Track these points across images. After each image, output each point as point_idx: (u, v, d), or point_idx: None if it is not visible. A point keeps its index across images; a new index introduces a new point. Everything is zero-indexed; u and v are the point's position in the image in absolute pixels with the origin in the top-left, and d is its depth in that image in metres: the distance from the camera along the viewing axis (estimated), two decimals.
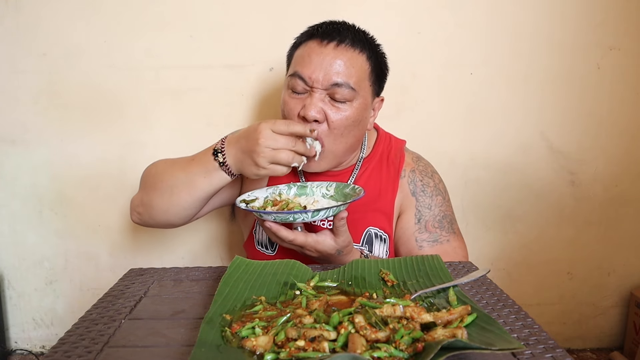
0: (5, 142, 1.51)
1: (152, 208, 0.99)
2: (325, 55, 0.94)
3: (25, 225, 1.57)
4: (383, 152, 1.12)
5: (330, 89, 0.94)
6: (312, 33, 0.99)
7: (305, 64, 0.95)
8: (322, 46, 0.95)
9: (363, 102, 0.99)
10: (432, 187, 1.10)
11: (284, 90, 1.01)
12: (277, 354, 0.52)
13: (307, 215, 0.81)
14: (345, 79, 0.94)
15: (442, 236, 1.06)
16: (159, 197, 0.97)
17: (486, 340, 0.52)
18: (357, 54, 0.96)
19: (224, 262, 1.59)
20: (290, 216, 0.82)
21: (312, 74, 0.94)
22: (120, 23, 1.44)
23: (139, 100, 1.48)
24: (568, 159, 1.56)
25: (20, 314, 1.63)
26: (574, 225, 1.61)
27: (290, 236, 0.85)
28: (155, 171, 1.01)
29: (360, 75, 0.97)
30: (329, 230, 0.88)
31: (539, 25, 1.47)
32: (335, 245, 0.87)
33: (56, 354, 0.56)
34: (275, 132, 0.86)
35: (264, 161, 0.85)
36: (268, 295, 0.70)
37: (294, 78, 0.97)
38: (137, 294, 0.74)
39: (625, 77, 1.51)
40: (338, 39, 0.96)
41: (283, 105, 1.00)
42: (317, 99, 0.94)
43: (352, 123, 0.97)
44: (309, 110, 0.93)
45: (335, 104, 0.96)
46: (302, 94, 0.97)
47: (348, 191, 0.97)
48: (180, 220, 1.01)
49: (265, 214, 0.83)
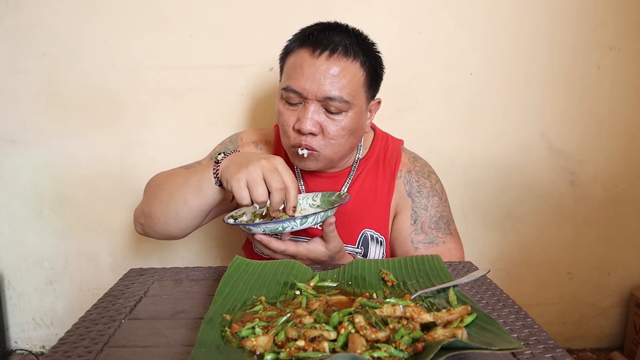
0: (5, 142, 1.51)
1: (151, 218, 0.96)
2: (317, 67, 0.92)
3: (25, 225, 1.57)
4: (379, 152, 1.11)
5: (324, 102, 0.93)
6: (303, 39, 0.96)
7: (298, 76, 0.94)
8: (314, 57, 0.93)
9: (358, 111, 0.97)
10: (428, 187, 1.09)
11: (278, 99, 1.00)
12: (277, 354, 0.52)
13: (296, 222, 0.81)
14: (338, 93, 0.92)
15: (438, 237, 1.05)
16: (158, 207, 0.94)
17: (486, 340, 0.52)
18: (350, 62, 0.94)
19: (224, 262, 1.59)
20: (279, 225, 0.81)
21: (305, 86, 0.93)
22: (120, 23, 1.44)
23: (139, 100, 1.48)
24: (568, 159, 1.56)
25: (20, 314, 1.63)
26: (574, 225, 1.61)
27: (281, 247, 0.84)
28: (157, 182, 1.00)
29: (354, 84, 0.95)
30: (319, 238, 0.88)
31: (539, 25, 1.47)
32: (327, 252, 0.87)
33: (56, 354, 0.56)
34: (279, 173, 0.81)
35: (245, 176, 0.79)
36: (268, 295, 0.70)
37: (287, 92, 0.95)
38: (137, 294, 0.74)
39: (625, 77, 1.51)
40: (330, 47, 0.93)
41: (278, 115, 1.00)
42: (311, 112, 0.94)
43: (348, 132, 0.97)
44: (304, 124, 0.93)
45: (330, 115, 0.95)
46: (296, 105, 0.96)
47: (334, 198, 0.97)
48: (179, 231, 0.97)
49: (253, 226, 0.82)
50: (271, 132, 1.19)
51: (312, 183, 1.09)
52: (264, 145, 1.16)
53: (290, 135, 0.97)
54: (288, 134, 0.98)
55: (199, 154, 1.47)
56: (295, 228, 0.82)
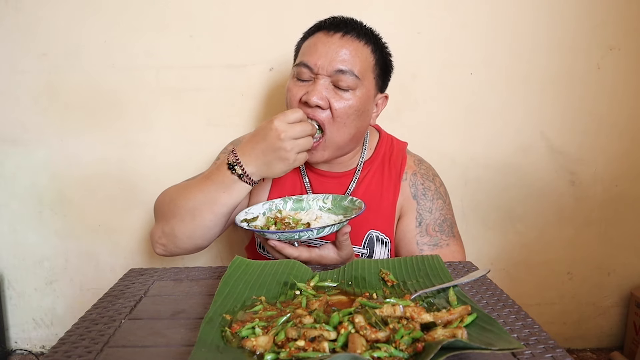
0: (5, 142, 1.51)
1: (175, 237, 0.96)
2: (331, 44, 0.97)
3: (25, 225, 1.57)
4: (385, 154, 1.12)
5: (334, 76, 0.96)
6: (319, 26, 1.02)
7: (312, 52, 0.98)
8: (329, 36, 0.98)
9: (366, 93, 1.00)
10: (433, 190, 1.10)
11: (290, 79, 1.03)
12: (277, 354, 0.52)
13: (313, 232, 0.82)
14: (349, 67, 0.96)
15: (442, 240, 1.06)
16: (180, 223, 0.94)
17: (486, 340, 0.52)
18: (362, 45, 0.99)
19: (224, 262, 1.59)
20: (296, 234, 0.82)
21: (318, 61, 0.96)
22: (120, 23, 1.44)
23: (139, 100, 1.48)
24: (568, 159, 1.56)
25: (20, 314, 1.63)
26: (573, 225, 1.61)
27: (295, 253, 0.85)
28: (170, 199, 0.99)
29: (364, 65, 0.98)
30: (331, 245, 0.88)
31: (539, 25, 1.47)
32: (339, 259, 0.88)
33: (56, 354, 0.56)
34: (289, 123, 0.87)
35: (292, 153, 0.86)
36: (268, 295, 0.70)
37: (299, 67, 0.98)
38: (137, 294, 0.74)
39: (625, 77, 1.51)
40: (344, 30, 0.98)
41: (287, 92, 1.01)
42: (321, 86, 0.96)
43: (355, 112, 0.98)
44: (312, 96, 0.95)
45: (339, 92, 0.97)
46: (307, 82, 0.98)
47: (346, 203, 0.97)
48: (206, 241, 0.99)
49: (269, 234, 0.83)
50: None
51: (318, 184, 1.09)
52: None
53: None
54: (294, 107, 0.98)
55: (199, 153, 1.48)
56: (312, 237, 0.83)
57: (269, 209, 0.98)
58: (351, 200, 0.96)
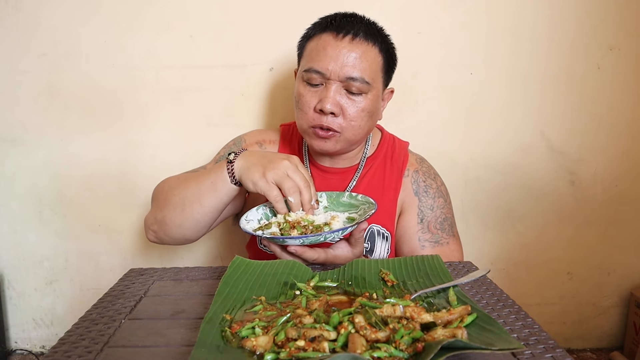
0: (5, 142, 1.51)
1: (165, 224, 0.98)
2: (341, 48, 0.97)
3: (25, 225, 1.57)
4: (387, 151, 1.14)
5: (345, 82, 0.97)
6: (325, 25, 1.01)
7: (321, 57, 0.98)
8: (338, 39, 0.98)
9: (376, 94, 1.02)
10: (434, 188, 1.12)
11: (298, 82, 1.03)
12: (277, 354, 0.52)
13: (338, 233, 0.81)
14: (360, 74, 0.97)
15: (443, 238, 1.07)
16: (171, 211, 0.96)
17: (486, 340, 0.52)
18: (370, 47, 0.99)
19: (224, 262, 1.59)
20: (321, 237, 0.80)
21: (328, 66, 0.97)
22: (120, 23, 1.44)
23: (139, 100, 1.48)
24: (568, 159, 1.56)
25: (20, 314, 1.63)
26: (573, 225, 1.61)
27: (314, 255, 0.83)
28: (168, 187, 1.01)
29: (374, 67, 1.00)
30: (345, 243, 0.88)
31: (539, 25, 1.47)
32: (352, 256, 0.87)
33: (56, 354, 0.56)
34: (300, 171, 0.88)
35: (272, 176, 0.85)
36: (268, 295, 0.70)
37: (310, 72, 0.99)
38: (137, 294, 0.74)
39: (625, 77, 1.51)
40: (353, 32, 0.98)
41: (298, 97, 1.02)
42: (333, 92, 0.97)
43: (367, 114, 1.01)
44: (326, 104, 0.96)
45: (350, 96, 0.98)
46: (318, 86, 0.99)
47: (346, 199, 0.96)
48: (195, 234, 1.00)
49: (291, 240, 0.80)
50: (276, 132, 1.20)
51: (320, 179, 1.11)
52: (269, 144, 1.17)
53: (310, 116, 1.00)
54: (308, 115, 1.00)
55: (199, 153, 1.48)
56: (336, 238, 0.82)
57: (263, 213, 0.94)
58: (351, 195, 0.96)
